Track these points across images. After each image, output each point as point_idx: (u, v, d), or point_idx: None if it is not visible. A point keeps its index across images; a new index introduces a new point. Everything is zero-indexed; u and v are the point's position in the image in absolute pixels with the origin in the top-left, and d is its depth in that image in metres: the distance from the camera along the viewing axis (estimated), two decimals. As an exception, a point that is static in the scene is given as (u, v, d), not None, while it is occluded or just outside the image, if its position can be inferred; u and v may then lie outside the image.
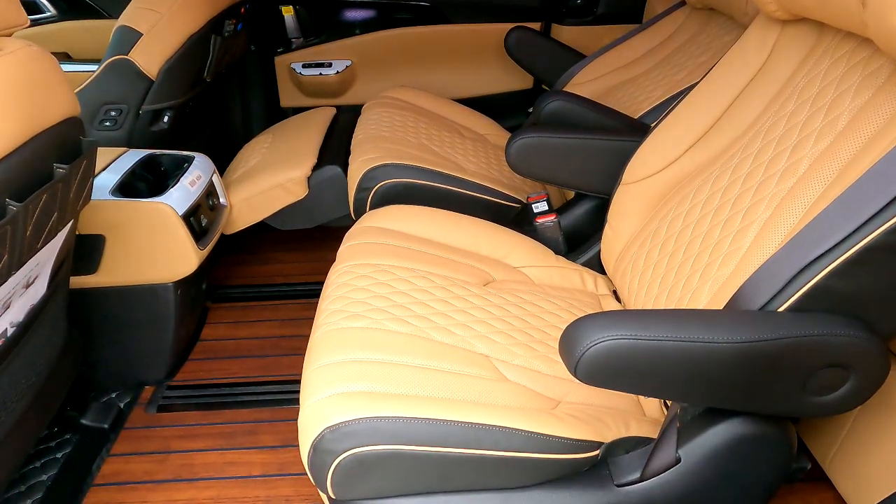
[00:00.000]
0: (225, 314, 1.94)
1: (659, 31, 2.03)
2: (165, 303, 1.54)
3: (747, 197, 1.07)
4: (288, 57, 2.46)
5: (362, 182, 1.62)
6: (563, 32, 2.39)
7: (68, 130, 0.99)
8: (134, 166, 1.53)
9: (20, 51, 0.88)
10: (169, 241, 1.45)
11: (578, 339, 0.78)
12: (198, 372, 1.71)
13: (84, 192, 1.04)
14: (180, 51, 1.66)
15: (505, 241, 1.48)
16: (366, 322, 1.12)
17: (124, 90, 1.63)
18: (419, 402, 0.96)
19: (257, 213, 1.78)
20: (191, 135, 1.93)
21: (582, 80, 2.09)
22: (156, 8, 1.61)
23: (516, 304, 1.30)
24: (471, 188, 1.68)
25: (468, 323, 1.19)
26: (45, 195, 0.87)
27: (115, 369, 1.62)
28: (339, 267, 1.31)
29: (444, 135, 1.97)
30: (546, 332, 1.24)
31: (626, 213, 1.39)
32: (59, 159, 0.96)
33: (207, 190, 1.60)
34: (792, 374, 0.81)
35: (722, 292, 1.02)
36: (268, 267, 2.19)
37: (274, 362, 1.74)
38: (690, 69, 1.76)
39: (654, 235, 1.28)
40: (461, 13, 2.41)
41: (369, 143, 1.74)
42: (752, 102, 1.18)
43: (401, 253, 1.35)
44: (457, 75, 2.52)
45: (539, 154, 1.43)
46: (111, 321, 1.55)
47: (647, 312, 0.81)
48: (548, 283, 1.45)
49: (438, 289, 1.26)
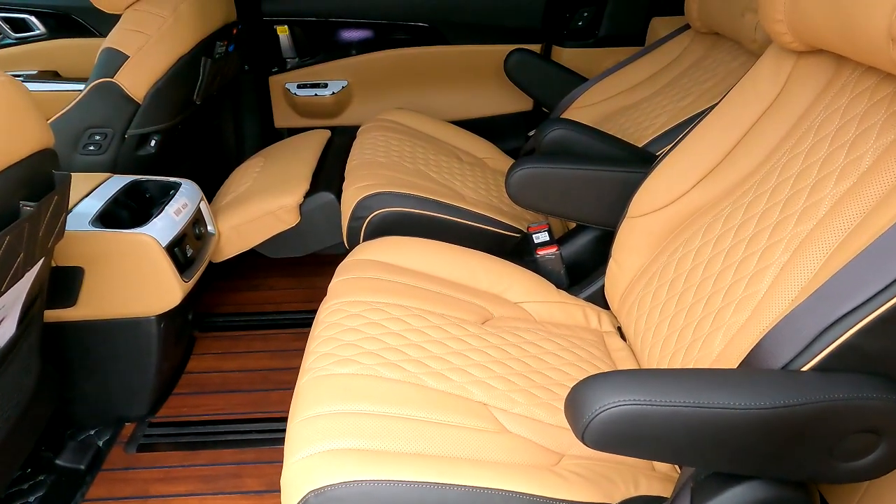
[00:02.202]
0: (212, 344, 1.87)
1: (662, 55, 1.98)
2: (148, 337, 1.46)
3: (762, 238, 1.01)
4: (283, 77, 2.41)
5: (356, 211, 1.56)
6: (564, 55, 2.34)
7: (38, 163, 0.92)
8: (117, 194, 1.46)
9: (-15, 81, 0.82)
10: (151, 273, 1.38)
11: (586, 402, 0.71)
12: (181, 408, 1.63)
13: (56, 229, 0.97)
14: (168, 73, 1.60)
15: (504, 275, 1.42)
16: (356, 367, 1.05)
17: (109, 114, 1.56)
18: (412, 461, 0.89)
19: (247, 241, 1.71)
20: (180, 159, 1.86)
21: (583, 103, 2.04)
22: (143, 30, 1.55)
23: (516, 344, 1.23)
24: (469, 217, 1.62)
25: (465, 367, 1.12)
26: (8, 237, 0.80)
27: (93, 405, 1.54)
28: (329, 304, 1.24)
29: (441, 159, 1.91)
30: (548, 375, 1.17)
31: (631, 247, 1.32)
32: (27, 195, 0.89)
33: (194, 218, 1.53)
34: (819, 441, 0.74)
35: (737, 341, 0.96)
36: (258, 294, 2.12)
37: (262, 398, 1.67)
38: (696, 95, 1.71)
39: (662, 273, 1.22)
40: (460, 34, 2.36)
41: (364, 170, 1.68)
42: (766, 136, 1.12)
43: (395, 289, 1.28)
44: (455, 97, 2.48)
45: (541, 185, 1.37)
46: (90, 356, 1.47)
47: (660, 373, 0.74)
48: (549, 319, 1.38)
49: (434, 329, 1.19)
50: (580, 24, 2.30)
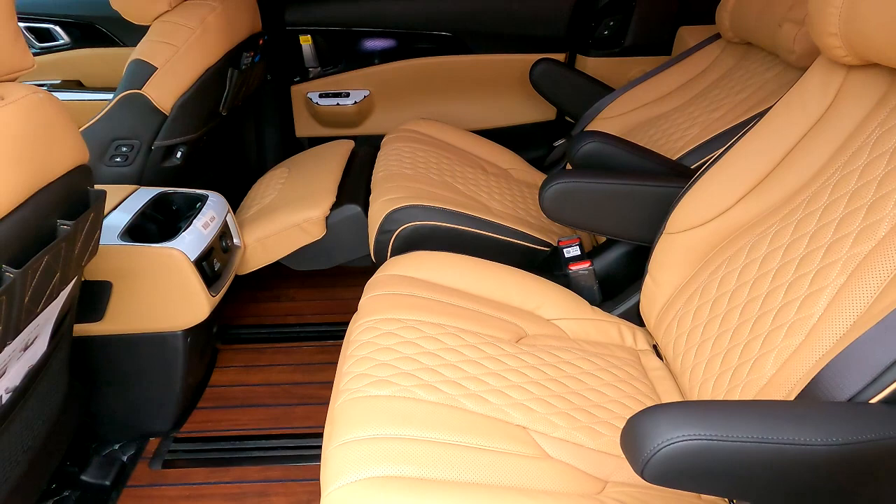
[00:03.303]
0: (235, 357, 1.85)
1: (691, 64, 1.95)
2: (174, 351, 1.44)
3: (815, 258, 0.98)
4: (305, 86, 2.39)
5: (384, 224, 1.54)
6: (589, 64, 2.32)
7: (75, 180, 0.91)
8: (144, 206, 1.45)
9: (24, 99, 0.80)
10: (180, 288, 1.36)
11: (648, 436, 0.67)
12: (206, 422, 1.61)
13: (90, 247, 0.96)
14: (195, 85, 1.59)
15: (537, 291, 1.39)
16: (393, 389, 1.03)
17: (136, 125, 1.55)
18: (454, 489, 0.86)
19: (272, 253, 1.69)
20: (204, 170, 1.85)
21: (610, 114, 2.01)
22: (171, 41, 1.54)
23: (553, 364, 1.20)
24: (498, 231, 1.59)
25: (503, 388, 1.09)
26: (46, 257, 0.79)
27: (118, 420, 1.53)
28: (361, 321, 1.22)
29: (467, 171, 1.88)
30: (586, 397, 1.14)
31: (669, 264, 1.29)
32: (64, 212, 0.88)
33: (221, 231, 1.52)
34: (892, 478, 0.70)
35: (790, 366, 0.92)
36: (280, 305, 2.10)
37: (286, 413, 1.64)
38: (729, 106, 1.68)
39: (704, 291, 1.18)
40: (483, 43, 2.34)
41: (391, 182, 1.66)
42: (815, 152, 1.08)
43: (428, 306, 1.25)
44: (477, 106, 2.45)
45: (575, 199, 1.34)
46: (116, 370, 1.46)
47: (722, 405, 0.71)
48: (583, 337, 1.35)
49: (470, 348, 1.16)
50: (606, 32, 2.27)
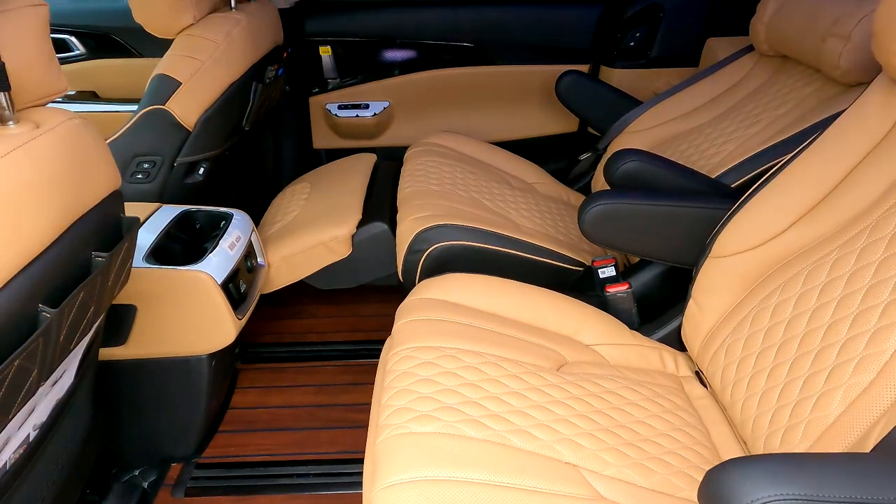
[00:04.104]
0: (256, 377, 1.80)
1: (723, 77, 1.90)
2: (199, 375, 1.40)
3: (884, 290, 0.93)
4: (323, 97, 2.35)
5: (414, 244, 1.49)
6: (614, 75, 2.27)
7: (109, 207, 0.86)
8: (168, 226, 1.41)
9: (61, 127, 0.76)
10: (206, 311, 1.31)
11: (735, 495, 0.63)
12: (228, 447, 1.56)
13: (123, 276, 0.91)
14: (220, 100, 1.54)
15: (574, 315, 1.34)
16: (437, 425, 0.98)
17: (159, 141, 1.51)
18: (511, 537, 0.81)
19: (297, 272, 1.65)
20: (225, 185, 1.81)
21: (638, 127, 1.97)
22: (196, 55, 1.50)
23: (597, 394, 1.15)
24: (530, 250, 1.55)
25: (549, 423, 1.04)
26: (82, 293, 0.74)
27: (140, 445, 1.48)
28: (397, 349, 1.17)
29: (493, 186, 1.84)
30: (634, 430, 1.09)
31: (715, 289, 1.24)
32: (98, 242, 0.83)
33: (247, 250, 1.47)
34: None
35: (861, 404, 0.87)
36: (300, 321, 2.05)
37: (311, 437, 1.59)
38: (766, 122, 1.63)
39: (756, 319, 1.13)
40: (506, 54, 2.30)
41: (419, 199, 1.61)
42: (878, 175, 1.03)
43: (465, 332, 1.20)
44: (498, 118, 2.41)
45: (617, 221, 1.29)
46: (138, 394, 1.41)
47: (817, 460, 0.66)
48: (624, 363, 1.30)
49: (512, 378, 1.12)
50: (632, 44, 2.22)
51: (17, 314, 0.67)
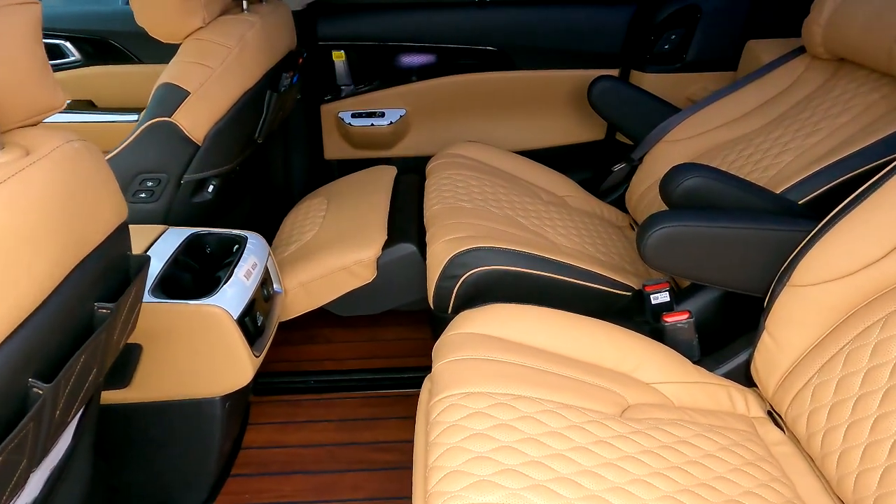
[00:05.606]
0: (270, 411, 1.65)
1: (771, 82, 1.77)
2: (210, 419, 1.25)
3: None
4: (336, 105, 2.21)
5: (448, 269, 1.35)
6: (645, 80, 2.14)
7: (113, 246, 0.72)
8: (176, 252, 1.26)
9: (57, 153, 0.61)
10: (220, 350, 1.17)
11: None
12: (243, 493, 1.42)
13: (130, 325, 0.77)
14: (232, 110, 1.40)
15: (631, 349, 1.20)
16: (500, 494, 0.84)
17: (165, 157, 1.37)
18: None
19: (316, 299, 1.50)
20: (234, 203, 1.66)
21: (678, 136, 1.83)
22: (205, 62, 1.35)
23: (669, 444, 1.01)
24: (574, 274, 1.41)
25: (624, 485, 0.90)
26: (83, 356, 0.60)
27: (145, 494, 1.33)
28: (442, 396, 1.02)
29: (525, 201, 1.70)
30: (717, 489, 0.95)
31: (795, 322, 1.10)
32: (101, 290, 0.69)
33: (263, 278, 1.33)
34: None
35: None
36: (315, 347, 1.91)
37: (333, 481, 1.45)
38: (828, 131, 1.50)
39: (851, 359, 1.00)
40: (531, 59, 2.16)
41: (450, 218, 1.47)
42: None
43: (517, 374, 1.06)
44: (522, 126, 2.27)
45: (682, 245, 1.15)
46: (144, 440, 1.27)
47: None
48: (690, 404, 1.16)
49: (576, 430, 0.98)
50: (666, 47, 2.09)
51: (2, 392, 0.53)
